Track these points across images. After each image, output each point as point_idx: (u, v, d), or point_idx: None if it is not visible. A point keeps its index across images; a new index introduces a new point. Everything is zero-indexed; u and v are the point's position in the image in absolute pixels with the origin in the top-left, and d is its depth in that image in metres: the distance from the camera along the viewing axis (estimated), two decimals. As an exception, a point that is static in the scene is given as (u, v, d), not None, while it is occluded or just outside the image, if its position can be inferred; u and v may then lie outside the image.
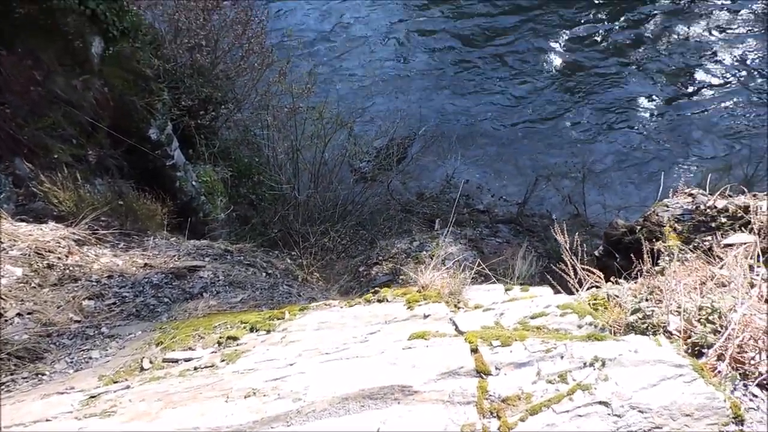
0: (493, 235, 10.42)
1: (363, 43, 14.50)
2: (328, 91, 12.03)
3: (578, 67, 13.04)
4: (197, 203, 6.57)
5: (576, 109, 12.16)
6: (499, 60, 13.50)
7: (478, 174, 11.64)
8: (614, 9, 14.39)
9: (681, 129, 11.40)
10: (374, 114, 11.88)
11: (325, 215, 8.69)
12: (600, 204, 10.55)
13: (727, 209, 4.25)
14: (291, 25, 15.00)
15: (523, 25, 14.46)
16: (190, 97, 7.15)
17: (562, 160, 11.24)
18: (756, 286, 2.93)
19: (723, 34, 13.31)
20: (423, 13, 15.42)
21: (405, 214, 10.40)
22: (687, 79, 12.47)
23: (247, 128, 8.67)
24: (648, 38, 13.57)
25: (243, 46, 7.82)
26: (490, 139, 11.94)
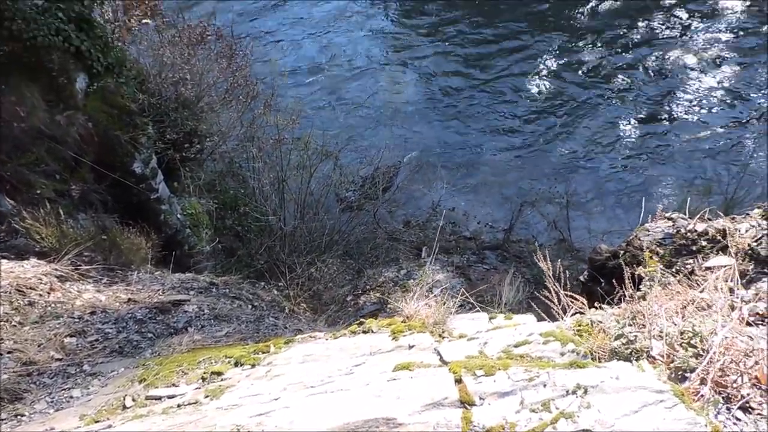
0: (480, 262, 10.45)
1: (351, 74, 14.71)
2: (314, 121, 12.14)
3: (560, 95, 13.32)
4: (182, 236, 6.53)
5: (559, 137, 12.38)
6: (483, 90, 13.76)
7: (463, 201, 11.72)
8: (594, 39, 14.77)
9: (661, 154, 11.63)
10: (360, 143, 11.98)
11: (312, 245, 8.67)
12: (585, 229, 10.66)
13: (706, 232, 4.32)
14: (283, 55, 15.23)
15: (505, 55, 14.79)
16: (174, 131, 7.17)
17: (546, 186, 11.39)
18: (737, 308, 2.97)
19: (698, 61, 13.69)
20: (408, 43, 15.74)
21: (392, 242, 10.41)
22: (665, 106, 12.76)
23: (232, 160, 8.70)
24: (626, 66, 13.92)
25: (228, 80, 7.90)
26: (474, 166, 12.08)
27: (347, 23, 16.65)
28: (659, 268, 4.61)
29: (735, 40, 14.07)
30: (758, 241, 3.84)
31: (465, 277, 9.38)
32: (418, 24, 16.48)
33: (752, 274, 3.73)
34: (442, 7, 16.97)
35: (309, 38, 16.04)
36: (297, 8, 17.47)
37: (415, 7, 17.38)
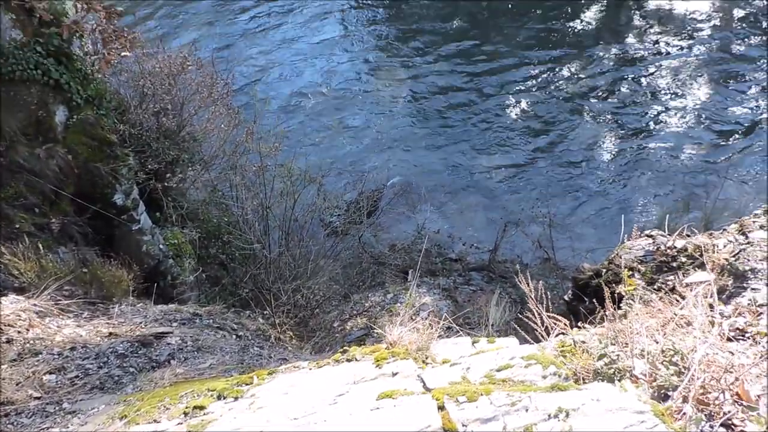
0: (467, 283, 10.46)
1: (334, 99, 14.84)
2: (297, 147, 12.19)
3: (540, 117, 13.55)
4: (165, 267, 6.47)
5: (540, 157, 12.55)
6: (464, 112, 13.95)
7: (448, 223, 11.79)
8: (573, 62, 15.11)
9: (640, 171, 11.83)
10: (344, 168, 12.04)
11: (298, 272, 8.62)
12: (569, 247, 10.76)
13: (686, 249, 4.38)
14: (266, 82, 15.36)
15: (486, 79, 15.05)
16: (156, 161, 7.16)
17: (529, 206, 11.50)
18: (717, 324, 3.01)
19: (674, 81, 14.04)
20: (389, 69, 15.95)
21: (378, 266, 10.40)
22: (643, 125, 13.02)
23: (215, 188, 8.67)
24: (605, 88, 14.22)
25: (209, 109, 7.92)
26: (458, 188, 12.18)
27: (330, 48, 16.89)
28: (641, 284, 4.66)
29: (708, 60, 14.47)
30: (736, 255, 3.90)
31: (452, 299, 9.37)
32: (400, 49, 16.74)
33: (731, 289, 3.79)
34: (423, 33, 17.29)
35: (292, 64, 16.21)
36: (281, 34, 17.70)
37: (396, 32, 17.68)
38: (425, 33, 17.20)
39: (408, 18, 18.26)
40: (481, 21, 17.41)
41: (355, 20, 18.39)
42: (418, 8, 18.59)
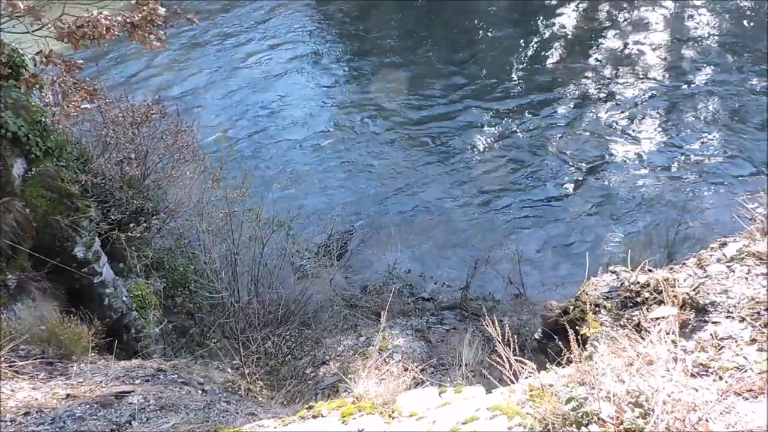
0: (440, 323, 10.41)
1: (300, 140, 14.94)
2: (265, 191, 12.16)
3: (505, 155, 13.85)
4: (128, 320, 6.28)
5: (507, 194, 12.77)
6: (430, 151, 14.18)
7: (419, 262, 11.79)
8: (535, 101, 15.59)
9: (604, 205, 12.12)
10: (312, 211, 12.02)
11: (268, 318, 8.47)
12: (539, 282, 10.85)
13: (648, 284, 4.46)
14: (232, 125, 15.40)
15: (453, 117, 15.38)
16: (120, 210, 7.03)
17: (498, 242, 11.61)
18: (680, 360, 3.04)
19: (631, 116, 14.58)
20: (355, 109, 16.19)
21: (350, 309, 10.29)
22: (604, 160, 13.42)
23: (181, 236, 8.53)
24: (566, 125, 14.67)
25: (174, 156, 7.87)
26: (428, 227, 12.26)
27: (297, 92, 17.12)
28: (607, 321, 4.71)
29: (661, 97, 15.12)
30: (696, 289, 3.98)
31: (425, 340, 9.28)
32: (368, 91, 17.06)
33: (694, 323, 3.85)
34: (389, 76, 17.67)
35: (259, 108, 16.32)
36: (244, 77, 17.92)
37: (363, 75, 18.05)
38: (391, 76, 17.59)
39: (376, 59, 18.68)
40: (447, 62, 17.92)
41: (324, 62, 18.75)
42: (384, 50, 19.06)
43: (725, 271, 3.98)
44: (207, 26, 21.70)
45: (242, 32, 21.41)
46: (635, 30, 18.25)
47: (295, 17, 22.76)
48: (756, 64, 15.79)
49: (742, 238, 4.29)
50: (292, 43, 20.16)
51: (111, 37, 4.68)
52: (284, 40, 20.38)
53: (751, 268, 3.89)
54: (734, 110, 14.11)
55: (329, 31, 21.31)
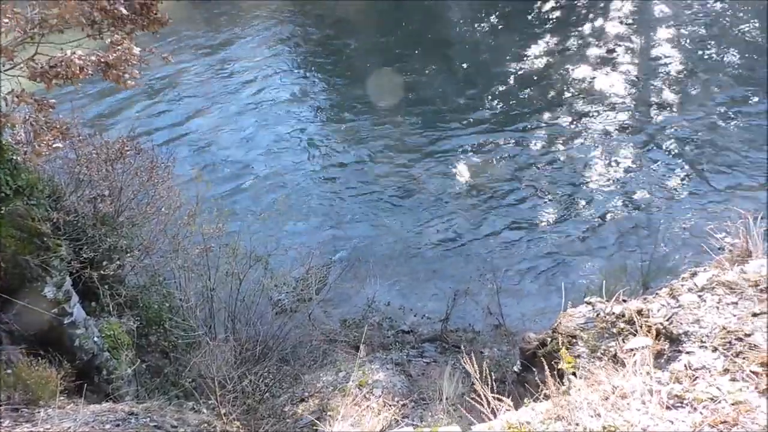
0: (420, 356, 10.32)
1: (276, 175, 14.98)
2: (242, 226, 12.10)
3: (480, 187, 14.03)
4: (100, 361, 6.10)
5: (483, 225, 12.89)
6: (407, 184, 14.30)
7: (399, 295, 11.75)
8: (510, 132, 15.92)
9: (579, 235, 12.30)
10: (290, 245, 11.95)
11: (245, 356, 8.30)
12: (519, 312, 10.88)
13: (623, 314, 4.50)
14: (208, 161, 15.39)
15: (428, 151, 15.59)
16: (92, 248, 6.89)
17: (476, 273, 11.65)
18: (655, 392, 3.06)
19: (602, 147, 14.94)
20: (332, 143, 16.34)
21: (329, 344, 10.16)
22: (577, 190, 13.67)
23: (156, 273, 8.38)
24: (539, 156, 14.97)
25: (149, 193, 7.79)
26: (406, 259, 12.27)
27: (270, 123, 17.25)
28: (584, 351, 4.72)
29: (632, 126, 15.55)
30: (669, 319, 4.04)
31: (405, 374, 9.19)
32: (343, 125, 17.26)
33: (669, 353, 3.88)
34: (365, 109, 17.93)
35: (235, 142, 16.38)
36: (220, 112, 18.03)
37: (339, 109, 18.28)
38: (367, 109, 17.85)
39: (350, 93, 18.95)
40: (421, 96, 18.25)
41: (302, 95, 18.96)
42: (360, 85, 19.36)
43: (697, 301, 4.05)
44: (184, 61, 21.90)
45: (219, 68, 21.65)
46: (604, 64, 18.86)
47: (272, 46, 23.16)
48: (722, 92, 16.39)
49: (711, 267, 4.39)
50: (269, 75, 20.45)
51: (85, 76, 4.67)
52: (261, 73, 20.68)
53: (722, 297, 3.96)
54: (701, 141, 14.56)
55: (307, 63, 21.66)
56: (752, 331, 3.36)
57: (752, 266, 4.08)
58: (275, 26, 25.89)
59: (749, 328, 3.42)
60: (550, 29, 22.25)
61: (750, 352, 3.21)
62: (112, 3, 5.09)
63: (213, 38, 25.00)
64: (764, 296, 3.74)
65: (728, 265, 4.23)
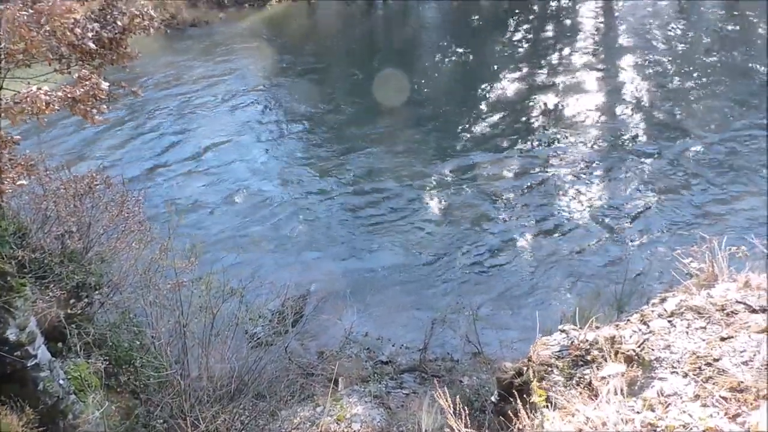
0: (399, 387, 10.19)
1: (250, 207, 14.90)
2: (216, 259, 11.94)
3: (455, 214, 14.11)
4: (65, 404, 5.87)
5: (458, 253, 12.93)
6: (382, 213, 14.33)
7: (376, 325, 11.64)
8: (483, 159, 16.12)
9: (553, 261, 12.40)
10: (266, 277, 11.81)
11: (219, 393, 8.08)
12: (497, 339, 10.85)
13: (597, 341, 4.52)
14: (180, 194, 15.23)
15: (402, 177, 15.70)
16: (59, 286, 6.71)
17: (453, 301, 11.63)
18: (629, 421, 3.06)
19: (573, 174, 15.23)
20: (303, 173, 16.36)
21: (306, 377, 9.97)
22: (551, 215, 13.85)
23: (126, 310, 8.17)
24: (513, 183, 15.17)
25: (119, 227, 7.66)
26: (383, 288, 12.21)
27: (243, 155, 17.26)
28: (560, 379, 4.71)
29: (599, 156, 15.91)
30: (641, 346, 4.06)
31: (384, 407, 9.05)
32: (316, 155, 17.33)
33: (642, 380, 3.89)
34: (338, 138, 18.06)
35: (208, 174, 16.31)
36: (191, 145, 18.01)
37: (312, 140, 18.37)
38: (340, 137, 17.99)
39: (324, 124, 19.10)
40: (396, 125, 18.46)
41: (272, 127, 19.03)
42: (333, 116, 19.54)
43: (667, 326, 4.09)
44: (155, 95, 21.91)
45: (192, 98, 21.69)
46: (573, 91, 19.37)
47: (242, 80, 23.36)
48: (687, 118, 16.93)
49: (680, 292, 4.45)
50: (238, 109, 20.56)
51: (51, 112, 4.61)
52: (230, 105, 20.80)
53: (691, 322, 4.01)
54: (670, 166, 14.94)
55: (279, 100, 21.84)
56: (720, 356, 3.40)
57: (718, 290, 4.15)
58: (251, 56, 26.15)
59: (717, 352, 3.46)
60: (520, 59, 22.86)
61: (719, 377, 3.24)
62: (80, 37, 5.06)
63: (187, 69, 25.11)
64: (731, 320, 3.80)
65: (696, 290, 4.30)
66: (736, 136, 15.73)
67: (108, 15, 5.27)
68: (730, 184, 13.90)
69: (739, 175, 14.18)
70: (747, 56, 20.36)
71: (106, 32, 5.01)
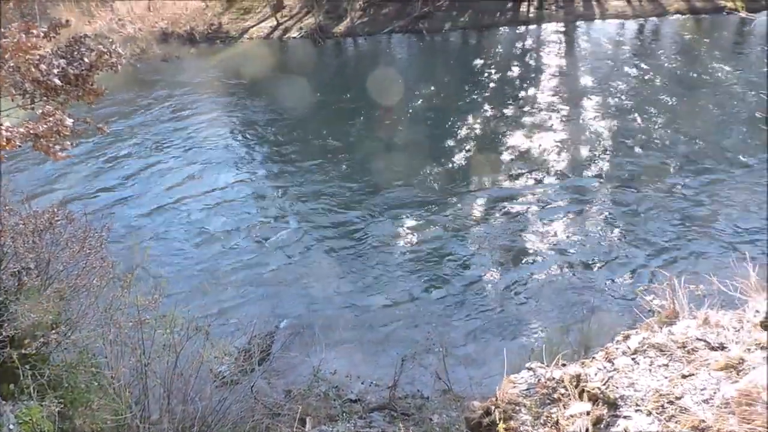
0: (368, 426, 10.00)
1: (217, 243, 14.71)
2: (181, 295, 11.69)
3: (422, 249, 14.18)
4: (15, 451, 5.57)
5: (428, 288, 12.94)
6: (351, 250, 14.30)
7: (345, 362, 11.47)
8: (451, 195, 16.32)
9: (522, 296, 12.51)
10: (232, 313, 11.60)
11: (181, 438, 7.80)
12: (467, 376, 10.80)
13: (563, 380, 4.54)
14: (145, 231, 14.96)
15: (371, 213, 15.77)
16: (13, 325, 6.44)
17: (423, 336, 11.58)
18: (595, 462, 3.06)
19: (539, 208, 15.52)
20: (272, 207, 16.30)
21: (272, 417, 9.70)
22: (517, 251, 14.02)
23: (85, 349, 7.87)
24: (480, 219, 15.36)
25: (80, 264, 7.44)
26: (352, 325, 12.09)
27: (209, 190, 17.16)
28: (528, 419, 4.70)
29: (565, 192, 16.29)
30: (606, 384, 4.10)
31: (352, 448, 8.84)
32: (283, 188, 17.31)
33: (608, 419, 3.92)
34: (306, 171, 18.11)
35: (175, 210, 16.11)
36: (157, 179, 17.85)
37: (279, 172, 18.38)
38: (309, 173, 18.04)
39: (293, 160, 19.15)
40: (364, 160, 18.63)
41: (238, 165, 19.00)
42: (302, 152, 19.64)
43: (631, 364, 4.15)
44: (121, 128, 21.76)
45: (156, 134, 21.61)
46: (539, 130, 19.92)
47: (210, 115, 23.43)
48: (648, 156, 17.53)
49: (642, 329, 4.53)
50: (206, 144, 20.57)
51: (12, 148, 4.52)
52: (198, 140, 20.81)
53: (653, 359, 4.07)
54: (632, 205, 15.37)
55: (247, 134, 21.92)
56: (682, 394, 3.46)
57: (679, 327, 4.24)
58: (219, 91, 26.26)
59: (679, 390, 3.51)
60: (487, 97, 23.49)
61: (681, 416, 3.28)
62: (45, 74, 5.01)
63: (155, 103, 25.04)
64: (692, 357, 3.88)
65: (658, 327, 4.38)
66: (696, 174, 16.34)
67: (75, 51, 5.24)
68: (691, 222, 14.35)
69: (699, 213, 14.67)
70: (705, 98, 21.35)
71: (73, 69, 4.97)
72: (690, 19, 31.87)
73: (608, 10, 33.58)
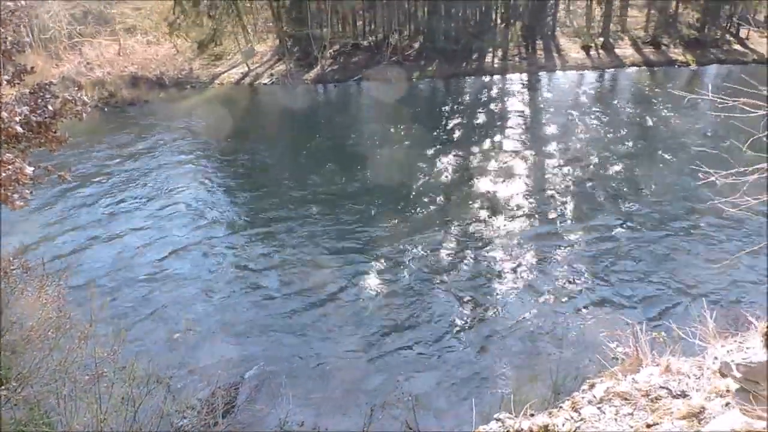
0: (336, 481, 9.67)
1: (181, 291, 14.39)
2: (140, 346, 11.31)
3: (391, 298, 14.09)
4: None
5: (397, 337, 12.80)
6: (319, 300, 14.14)
7: (314, 412, 11.15)
8: (419, 242, 16.39)
9: (490, 343, 12.47)
10: (195, 364, 11.23)
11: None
12: (438, 426, 10.61)
13: (531, 430, 4.51)
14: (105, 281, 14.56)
15: (340, 257, 15.68)
16: (-41, 382, 6.10)
17: (392, 386, 11.38)
18: None
19: (506, 255, 15.70)
20: (239, 257, 16.07)
21: (235, 475, 9.31)
22: (486, 298, 14.05)
23: (37, 405, 7.47)
24: (447, 266, 15.41)
25: (35, 314, 7.15)
26: (320, 374, 11.83)
27: (173, 242, 16.94)
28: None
29: (531, 239, 16.57)
30: (574, 434, 4.09)
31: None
32: (249, 238, 17.16)
33: (577, 470, 3.89)
34: (274, 220, 18.00)
35: (136, 260, 15.83)
36: (119, 226, 17.59)
37: (242, 222, 18.24)
38: (275, 222, 17.97)
39: (259, 209, 19.08)
40: (331, 208, 18.67)
41: (203, 214, 18.83)
42: (267, 200, 19.60)
43: (597, 413, 4.16)
44: (85, 173, 21.43)
45: (121, 180, 21.36)
46: (504, 176, 20.38)
47: (175, 159, 23.31)
48: (610, 203, 18.05)
49: (607, 377, 4.57)
50: (171, 190, 20.42)
51: (-34, 196, 4.38)
52: (163, 187, 20.66)
53: (618, 408, 4.09)
54: (596, 250, 15.70)
55: (211, 178, 21.86)
56: (647, 445, 3.46)
57: (642, 375, 4.29)
58: (186, 136, 26.20)
59: (644, 441, 3.52)
60: (454, 144, 24.02)
61: (647, 468, 3.28)
62: (6, 121, 4.93)
63: (121, 148, 24.82)
64: (655, 406, 3.91)
65: (622, 375, 4.42)
66: (656, 221, 16.87)
67: (39, 99, 5.18)
68: (653, 267, 14.69)
69: (659, 259, 15.06)
70: (661, 145, 22.27)
71: (36, 116, 4.90)
72: (645, 70, 33.81)
73: (568, 62, 35.22)
